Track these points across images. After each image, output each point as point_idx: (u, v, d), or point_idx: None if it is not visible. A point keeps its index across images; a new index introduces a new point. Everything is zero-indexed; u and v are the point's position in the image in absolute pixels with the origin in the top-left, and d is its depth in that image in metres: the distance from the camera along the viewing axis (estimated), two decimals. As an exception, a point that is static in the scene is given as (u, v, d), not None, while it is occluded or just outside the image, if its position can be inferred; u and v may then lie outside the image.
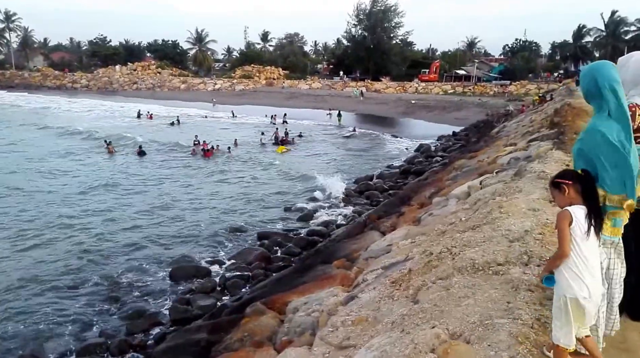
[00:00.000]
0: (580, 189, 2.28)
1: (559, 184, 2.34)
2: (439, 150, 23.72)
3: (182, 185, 17.37)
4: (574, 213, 2.21)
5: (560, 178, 2.37)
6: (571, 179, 2.31)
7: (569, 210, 2.23)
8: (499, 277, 3.56)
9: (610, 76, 2.38)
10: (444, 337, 2.85)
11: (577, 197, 2.28)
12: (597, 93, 2.40)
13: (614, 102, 2.35)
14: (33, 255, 10.49)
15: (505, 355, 2.57)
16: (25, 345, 7.00)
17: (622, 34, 63.94)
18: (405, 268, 4.51)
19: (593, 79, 2.41)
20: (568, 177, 2.34)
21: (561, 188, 2.32)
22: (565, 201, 2.31)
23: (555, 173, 2.48)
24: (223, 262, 10.19)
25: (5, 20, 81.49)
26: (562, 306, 2.23)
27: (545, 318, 2.86)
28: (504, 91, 51.24)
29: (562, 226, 2.21)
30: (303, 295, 5.39)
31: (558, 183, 2.35)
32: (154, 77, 70.51)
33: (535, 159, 7.76)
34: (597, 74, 2.40)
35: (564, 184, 2.31)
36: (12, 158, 21.58)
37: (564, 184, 2.31)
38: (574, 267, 2.20)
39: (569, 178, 2.33)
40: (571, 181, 2.30)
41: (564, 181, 2.32)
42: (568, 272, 2.21)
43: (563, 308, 2.23)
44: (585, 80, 2.45)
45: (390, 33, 68.47)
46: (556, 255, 2.26)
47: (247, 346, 4.70)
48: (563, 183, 2.32)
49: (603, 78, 2.37)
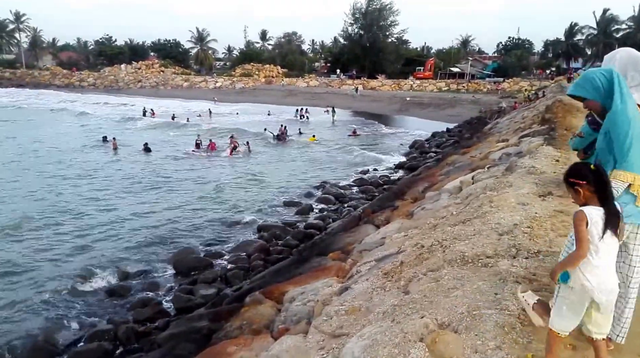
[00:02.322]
0: (594, 189, 2.21)
1: (573, 184, 2.27)
2: (432, 146, 23.85)
3: (186, 179, 17.51)
4: (589, 215, 2.16)
5: (574, 176, 2.28)
6: (584, 179, 2.23)
7: (584, 212, 2.18)
8: (487, 269, 3.63)
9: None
10: (432, 326, 2.91)
11: (592, 196, 2.22)
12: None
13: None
14: (39, 247, 10.69)
15: (492, 344, 2.63)
16: (37, 333, 7.21)
17: (614, 32, 64.31)
18: (398, 261, 4.58)
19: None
20: (581, 176, 2.24)
21: (575, 189, 2.26)
22: (580, 200, 2.26)
23: (569, 169, 2.37)
24: (224, 254, 10.38)
25: (15, 21, 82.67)
26: (575, 296, 2.21)
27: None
28: (497, 88, 51.44)
29: (580, 228, 2.16)
30: (299, 286, 5.49)
31: (572, 183, 2.28)
32: (158, 76, 71.33)
33: (526, 155, 7.87)
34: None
35: (577, 185, 2.25)
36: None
37: (577, 186, 2.25)
38: (590, 266, 2.18)
39: (582, 176, 2.24)
40: (585, 181, 2.22)
41: (577, 182, 2.24)
42: (585, 270, 2.18)
43: (576, 299, 2.21)
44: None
45: (385, 31, 68.70)
46: (574, 256, 2.19)
47: (246, 333, 4.80)
48: (577, 183, 2.25)
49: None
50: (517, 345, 2.61)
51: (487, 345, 2.64)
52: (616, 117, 2.45)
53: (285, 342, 3.84)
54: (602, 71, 2.57)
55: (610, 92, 2.48)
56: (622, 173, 2.41)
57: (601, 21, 63.95)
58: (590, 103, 2.62)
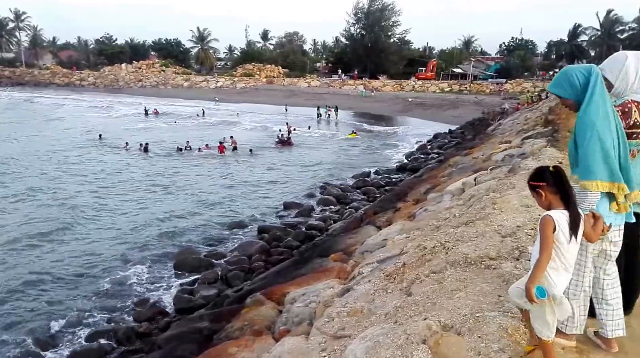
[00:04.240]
0: (555, 190, 2.21)
1: (534, 187, 2.28)
2: (435, 147, 23.82)
3: (187, 180, 17.54)
4: (557, 221, 2.16)
5: (534, 180, 2.28)
6: (545, 181, 2.23)
7: (552, 217, 2.17)
8: (490, 271, 3.61)
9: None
10: (435, 328, 2.89)
11: (554, 198, 2.22)
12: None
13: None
14: (40, 246, 10.75)
15: (495, 346, 2.61)
16: (35, 333, 7.22)
17: (617, 33, 64.14)
18: (400, 262, 4.57)
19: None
20: (541, 178, 2.25)
21: (537, 192, 2.26)
22: (544, 203, 2.26)
23: (531, 173, 2.36)
24: (225, 255, 10.39)
25: (15, 20, 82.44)
26: (548, 303, 2.19)
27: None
28: (499, 89, 51.38)
29: (547, 234, 2.16)
30: (301, 287, 5.48)
31: (533, 186, 2.28)
32: (158, 75, 71.19)
33: (529, 157, 7.85)
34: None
35: (538, 188, 2.25)
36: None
37: (539, 188, 2.25)
38: (556, 269, 2.19)
39: (541, 179, 2.25)
40: (545, 183, 2.23)
41: (537, 184, 2.25)
42: (552, 273, 2.18)
43: (549, 305, 2.19)
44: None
45: (387, 32, 68.51)
46: (542, 262, 2.16)
47: (247, 335, 4.79)
48: (537, 185, 2.25)
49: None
50: (520, 348, 2.59)
51: (490, 348, 2.61)
52: (579, 121, 2.39)
53: (286, 343, 3.82)
54: (581, 68, 2.47)
55: (586, 90, 2.40)
56: (587, 183, 2.31)
57: (605, 22, 63.74)
58: (567, 101, 2.53)
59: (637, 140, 2.63)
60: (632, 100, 2.64)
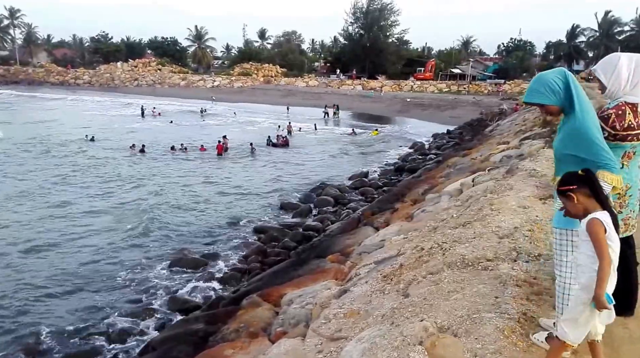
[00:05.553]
0: (589, 193, 2.16)
1: (564, 192, 2.22)
2: (433, 148, 23.84)
3: (183, 181, 17.44)
4: (605, 223, 2.11)
5: (564, 184, 2.23)
6: (575, 184, 2.18)
7: (600, 219, 2.12)
8: (487, 273, 3.61)
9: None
10: (432, 330, 2.89)
11: (589, 200, 2.17)
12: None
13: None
14: (29, 247, 10.63)
15: (492, 348, 2.61)
16: (26, 334, 7.15)
17: (616, 34, 64.35)
18: (397, 263, 4.56)
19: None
20: (570, 182, 2.21)
21: (568, 196, 2.20)
22: (577, 208, 2.20)
23: (559, 181, 2.32)
24: (221, 255, 10.35)
25: (9, 17, 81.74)
26: (590, 307, 2.12)
27: (531, 313, 2.91)
28: (498, 89, 51.46)
29: (601, 237, 2.09)
30: (298, 288, 5.46)
31: (563, 191, 2.23)
32: (154, 74, 70.73)
33: (527, 158, 7.85)
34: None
35: (569, 191, 2.20)
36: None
37: (569, 192, 2.19)
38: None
39: (570, 182, 2.20)
40: (575, 186, 2.18)
41: (568, 188, 2.20)
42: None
43: (589, 309, 2.13)
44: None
45: (386, 31, 68.70)
46: (605, 268, 2.08)
47: (243, 336, 4.77)
48: (568, 189, 2.20)
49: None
50: (517, 349, 2.60)
51: (487, 349, 2.62)
52: (575, 132, 2.37)
53: (282, 345, 3.81)
54: (555, 72, 2.48)
55: (567, 94, 2.40)
56: (608, 174, 2.31)
57: (603, 23, 63.93)
58: (552, 108, 2.50)
59: (632, 142, 2.62)
60: (626, 102, 2.63)
